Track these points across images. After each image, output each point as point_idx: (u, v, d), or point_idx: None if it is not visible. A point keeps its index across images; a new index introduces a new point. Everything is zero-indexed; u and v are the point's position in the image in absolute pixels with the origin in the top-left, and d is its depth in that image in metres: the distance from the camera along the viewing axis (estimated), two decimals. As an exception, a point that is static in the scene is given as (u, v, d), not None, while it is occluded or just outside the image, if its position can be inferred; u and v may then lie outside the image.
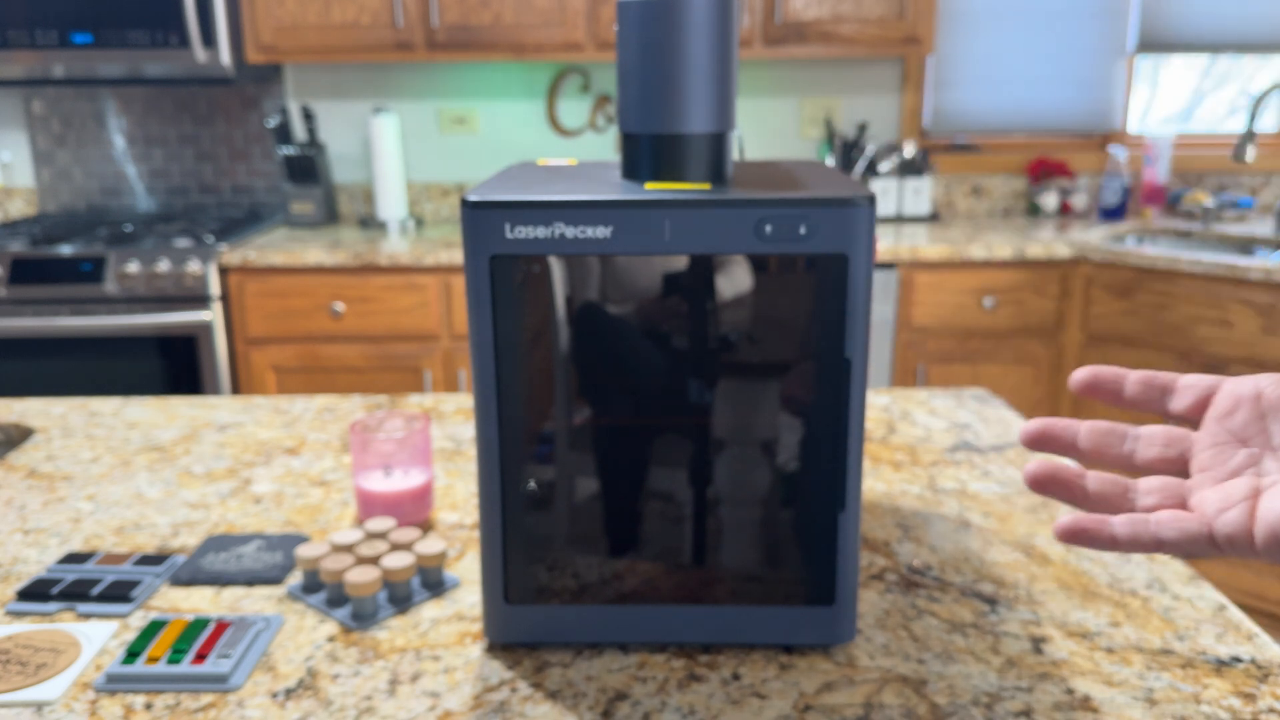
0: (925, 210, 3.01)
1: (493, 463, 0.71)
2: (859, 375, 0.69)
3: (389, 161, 3.00)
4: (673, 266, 0.67)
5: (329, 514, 1.00)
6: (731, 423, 0.70)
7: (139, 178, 3.17)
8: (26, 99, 3.13)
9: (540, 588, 0.74)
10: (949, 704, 0.69)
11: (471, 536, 0.95)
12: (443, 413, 1.29)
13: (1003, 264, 2.62)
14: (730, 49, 0.71)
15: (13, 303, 2.59)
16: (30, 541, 0.94)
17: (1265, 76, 3.21)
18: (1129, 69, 3.13)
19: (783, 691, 0.70)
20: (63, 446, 1.18)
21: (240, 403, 1.34)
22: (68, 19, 2.65)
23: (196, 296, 2.59)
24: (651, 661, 0.74)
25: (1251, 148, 2.62)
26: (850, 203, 0.66)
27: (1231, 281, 2.37)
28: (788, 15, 2.75)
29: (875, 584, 0.85)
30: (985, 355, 2.68)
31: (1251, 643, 0.76)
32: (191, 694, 0.70)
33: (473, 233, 0.67)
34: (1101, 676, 0.72)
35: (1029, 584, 0.85)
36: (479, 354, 0.69)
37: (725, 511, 0.72)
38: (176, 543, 0.94)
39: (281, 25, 2.75)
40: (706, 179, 0.73)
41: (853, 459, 0.71)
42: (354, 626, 0.78)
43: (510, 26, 2.75)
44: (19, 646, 0.75)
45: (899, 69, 3.12)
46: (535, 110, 3.15)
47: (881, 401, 1.32)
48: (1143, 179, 3.08)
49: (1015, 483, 1.06)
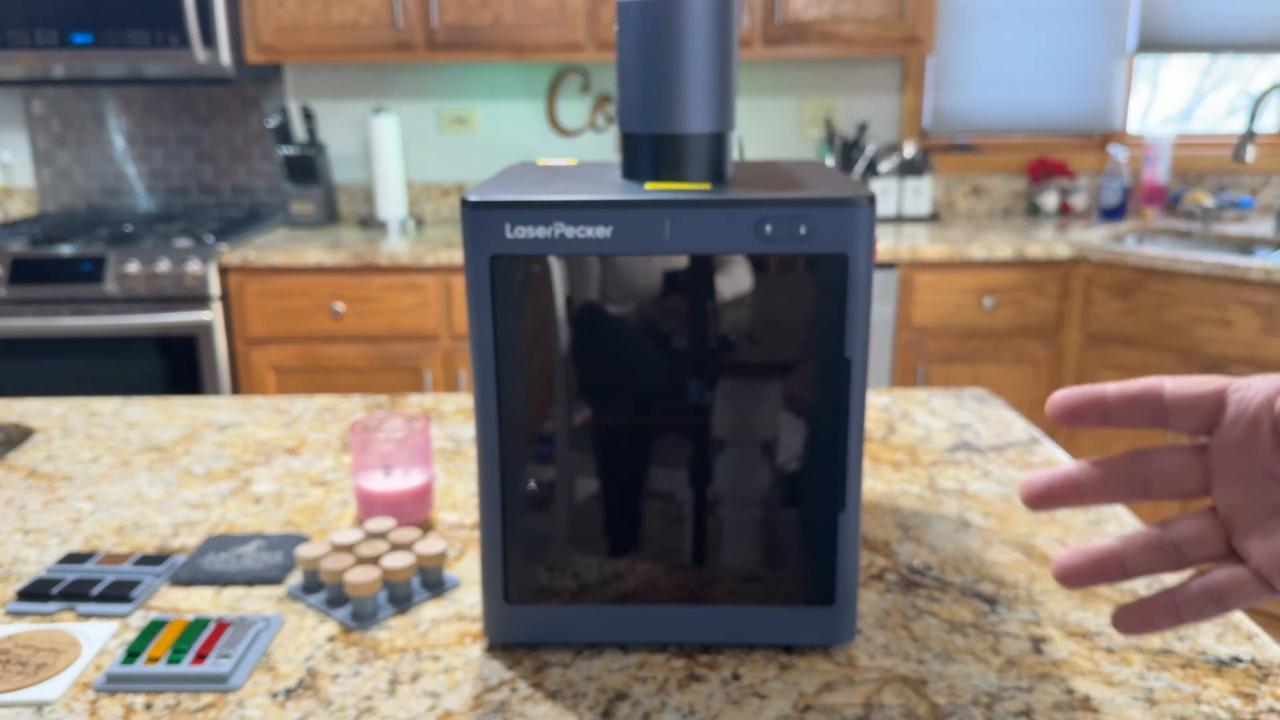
0: (925, 210, 3.01)
1: (493, 463, 0.71)
2: (859, 375, 0.69)
3: (389, 161, 3.00)
4: (673, 266, 0.68)
5: (329, 514, 1.00)
6: (731, 423, 0.70)
7: (139, 178, 3.17)
8: (26, 99, 3.13)
9: (540, 588, 0.74)
10: (949, 704, 0.69)
11: (471, 536, 0.95)
12: (443, 413, 1.29)
13: (1003, 264, 2.62)
14: (730, 49, 0.71)
15: (13, 303, 2.59)
16: (30, 541, 0.94)
17: (1265, 76, 3.21)
18: (1129, 69, 3.13)
19: (783, 691, 0.70)
20: (63, 446, 1.18)
21: (240, 403, 1.34)
22: (68, 19, 2.65)
23: (196, 296, 2.59)
24: (651, 661, 0.74)
25: (1251, 148, 2.62)
26: (850, 203, 0.66)
27: (1231, 281, 2.37)
28: (788, 15, 2.75)
29: (875, 584, 0.85)
30: (985, 355, 2.68)
31: (1251, 643, 0.76)
32: (191, 694, 0.70)
33: (473, 233, 0.67)
34: (1101, 676, 0.72)
35: (1029, 584, 0.85)
36: (479, 354, 0.69)
37: (725, 511, 0.72)
38: (176, 543, 0.94)
39: (281, 25, 2.75)
40: (706, 179, 0.73)
41: (853, 459, 0.71)
42: (354, 626, 0.78)
43: (510, 26, 2.75)
44: (19, 646, 0.75)
45: (899, 69, 3.12)
46: (535, 110, 3.15)
47: (881, 401, 1.32)
48: (1143, 179, 3.08)
49: (1015, 483, 1.06)
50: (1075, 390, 0.48)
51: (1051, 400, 0.48)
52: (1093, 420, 0.48)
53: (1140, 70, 3.19)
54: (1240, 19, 3.05)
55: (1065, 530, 0.95)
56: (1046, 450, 1.14)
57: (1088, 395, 0.48)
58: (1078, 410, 0.48)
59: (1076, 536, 0.93)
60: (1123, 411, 0.47)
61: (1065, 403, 0.48)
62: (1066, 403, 0.48)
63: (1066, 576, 0.48)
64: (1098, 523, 0.96)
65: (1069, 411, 0.48)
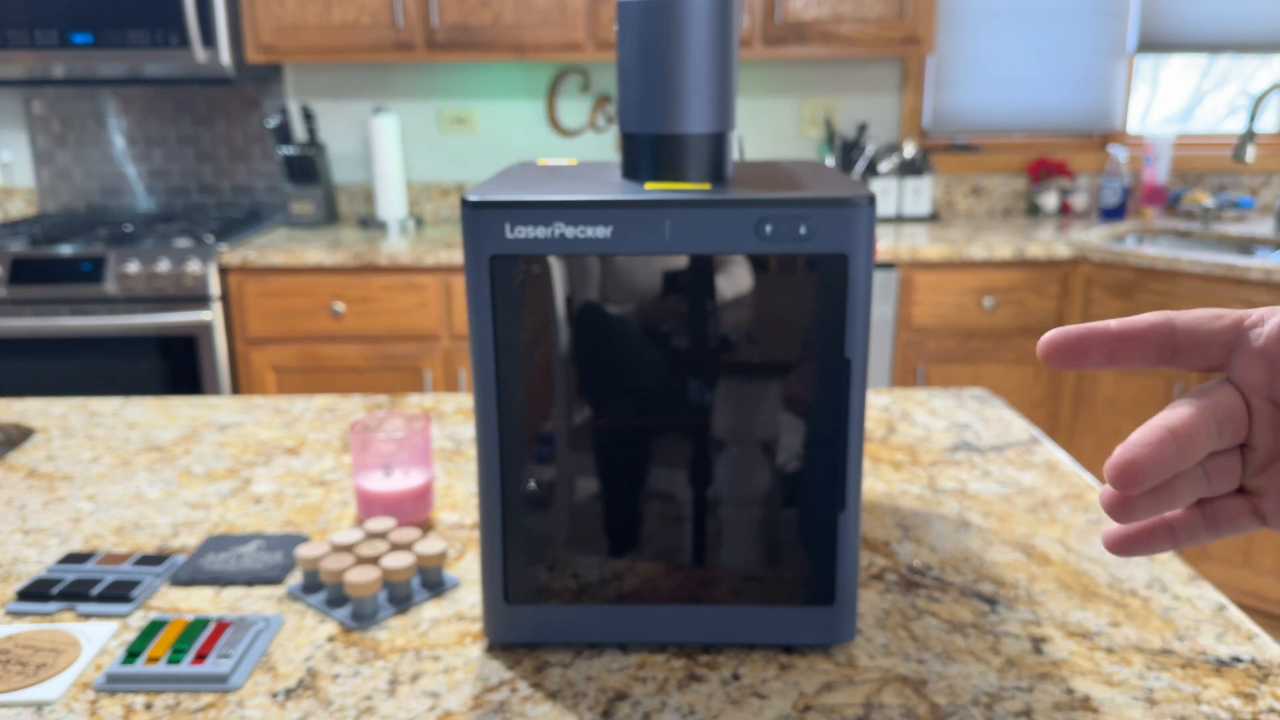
0: (925, 210, 3.01)
1: (493, 463, 0.71)
2: (859, 375, 0.69)
3: (389, 161, 3.00)
4: (673, 266, 0.67)
5: (329, 514, 1.00)
6: (731, 423, 0.70)
7: (139, 178, 3.17)
8: (26, 99, 3.13)
9: (540, 588, 0.74)
10: (949, 704, 0.69)
11: (471, 536, 0.95)
12: (443, 413, 1.29)
13: (1003, 264, 2.62)
14: (730, 49, 0.71)
15: (13, 303, 2.59)
16: (30, 541, 0.94)
17: (1265, 76, 3.21)
18: (1129, 69, 3.13)
19: (783, 691, 0.70)
20: (63, 446, 1.18)
21: (240, 403, 1.34)
22: (68, 19, 2.65)
23: (196, 296, 2.59)
24: (651, 661, 0.74)
25: (1251, 148, 2.62)
26: (850, 203, 0.66)
27: (1231, 281, 2.37)
28: (788, 15, 2.75)
29: (875, 584, 0.85)
30: (985, 355, 2.68)
31: (1251, 643, 0.76)
32: (191, 694, 0.70)
33: (473, 233, 0.67)
34: (1101, 676, 0.72)
35: (1029, 584, 0.85)
36: (479, 354, 0.69)
37: (725, 511, 0.72)
38: (176, 543, 0.94)
39: (281, 25, 2.75)
40: (706, 179, 0.73)
41: (853, 459, 0.71)
42: (354, 626, 0.78)
43: (510, 26, 2.75)
44: (19, 646, 0.75)
45: (899, 69, 3.12)
46: (535, 110, 3.15)
47: (881, 401, 1.32)
48: (1143, 179, 3.08)
49: (1015, 483, 1.06)
50: (1070, 329, 0.42)
51: (1044, 341, 0.42)
52: (1096, 359, 0.42)
53: (1140, 70, 3.19)
54: (1240, 19, 3.05)
55: (1065, 530, 0.95)
56: (1046, 450, 1.14)
57: (1089, 333, 0.42)
58: (1079, 348, 0.42)
59: (1076, 537, 0.93)
60: (1129, 348, 0.42)
61: (1061, 342, 0.42)
62: (1063, 342, 0.42)
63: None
64: (1098, 524, 0.96)
65: (1066, 351, 0.42)
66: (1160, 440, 0.39)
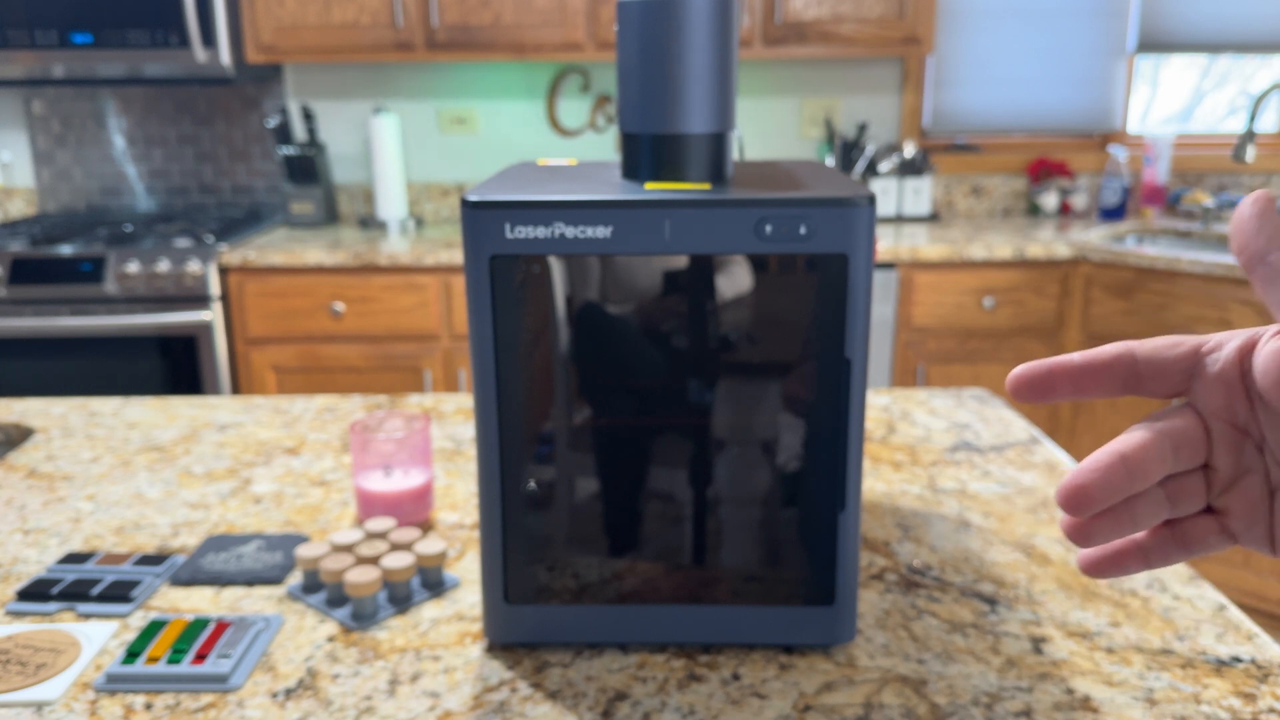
0: (925, 210, 3.01)
1: (493, 463, 0.71)
2: (859, 375, 0.69)
3: (389, 161, 3.00)
4: (673, 266, 0.67)
5: (329, 514, 1.00)
6: (731, 423, 0.70)
7: (139, 178, 3.17)
8: (26, 99, 3.13)
9: (540, 588, 0.74)
10: (949, 704, 0.69)
11: (471, 536, 0.95)
12: (443, 413, 1.29)
13: (1003, 264, 2.62)
14: (730, 49, 0.71)
15: (13, 303, 2.59)
16: (30, 541, 0.94)
17: (1265, 76, 3.21)
18: (1129, 69, 3.13)
19: (783, 691, 0.70)
20: (63, 446, 1.18)
21: (240, 403, 1.34)
22: (68, 19, 2.65)
23: (196, 296, 2.59)
24: (651, 661, 0.74)
25: (1251, 148, 2.62)
26: (850, 203, 0.66)
27: (1231, 281, 2.37)
28: (788, 15, 2.75)
29: (875, 584, 0.85)
30: (985, 355, 2.68)
31: (1251, 643, 0.76)
32: (191, 694, 0.70)
33: (473, 233, 0.67)
34: (1101, 676, 0.72)
35: (1029, 584, 0.85)
36: (479, 354, 0.69)
37: (725, 511, 0.72)
38: (176, 543, 0.94)
39: (281, 25, 2.75)
40: (706, 179, 0.73)
41: (853, 459, 0.71)
42: (354, 626, 0.78)
43: (510, 26, 2.75)
44: (19, 646, 0.75)
45: (899, 69, 3.12)
46: (535, 110, 3.15)
47: (881, 401, 1.32)
48: (1143, 179, 3.08)
49: (1015, 483, 1.06)
50: (1037, 364, 0.44)
51: (1013, 376, 0.44)
52: (1063, 392, 0.44)
53: (1140, 70, 3.19)
54: (1240, 19, 3.05)
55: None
56: (1046, 450, 1.14)
57: (1055, 367, 0.44)
58: (1046, 383, 0.44)
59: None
60: (1093, 379, 0.44)
61: (1029, 377, 0.44)
62: (1031, 376, 0.44)
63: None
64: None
65: (1035, 386, 0.44)
66: (1109, 466, 0.41)
